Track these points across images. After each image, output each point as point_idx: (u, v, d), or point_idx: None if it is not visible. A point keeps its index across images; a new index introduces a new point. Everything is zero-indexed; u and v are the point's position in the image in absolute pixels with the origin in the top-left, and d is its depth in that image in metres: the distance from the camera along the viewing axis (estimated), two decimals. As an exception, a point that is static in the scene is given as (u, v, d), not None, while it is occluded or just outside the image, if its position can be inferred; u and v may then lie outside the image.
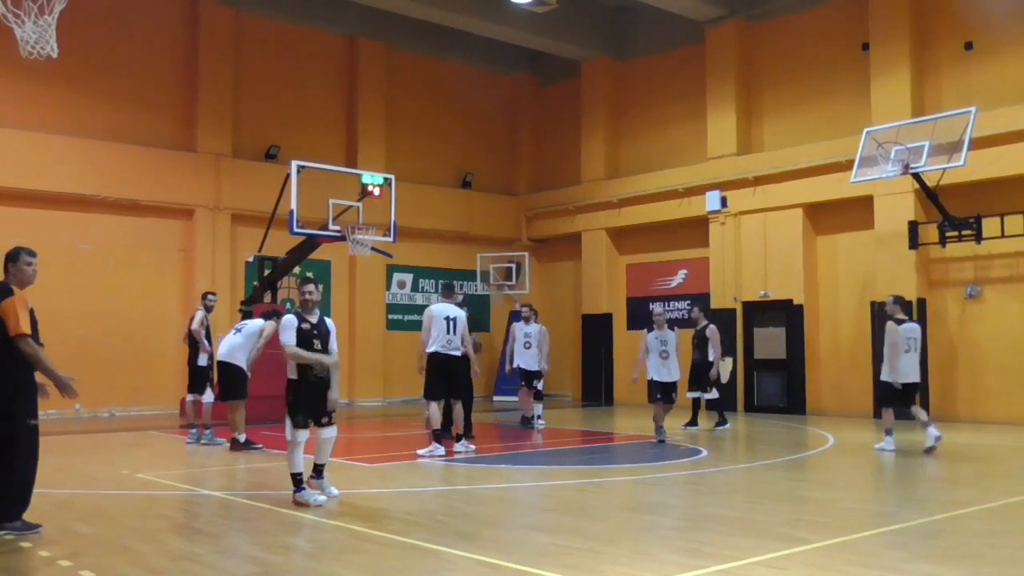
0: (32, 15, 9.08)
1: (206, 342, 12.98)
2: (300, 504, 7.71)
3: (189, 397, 13.08)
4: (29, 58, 9.33)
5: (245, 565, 5.91)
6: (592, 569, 5.63)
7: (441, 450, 11.19)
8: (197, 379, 13.01)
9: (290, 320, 7.97)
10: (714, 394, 14.93)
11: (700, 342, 14.99)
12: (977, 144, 15.22)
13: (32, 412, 6.63)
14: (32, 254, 6.85)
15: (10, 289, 6.59)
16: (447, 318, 11.39)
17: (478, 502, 8.31)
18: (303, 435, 7.90)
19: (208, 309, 13.27)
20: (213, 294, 13.75)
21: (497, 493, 8.80)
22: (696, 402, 15.20)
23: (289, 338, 7.86)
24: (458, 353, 11.50)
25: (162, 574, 5.58)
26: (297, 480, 7.83)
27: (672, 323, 14.75)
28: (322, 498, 7.84)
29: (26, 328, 6.45)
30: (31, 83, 17.20)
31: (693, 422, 15.11)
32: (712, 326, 15.11)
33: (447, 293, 11.93)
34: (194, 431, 12.88)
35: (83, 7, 13.92)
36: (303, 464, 7.89)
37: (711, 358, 14.79)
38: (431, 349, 11.41)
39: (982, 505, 7.90)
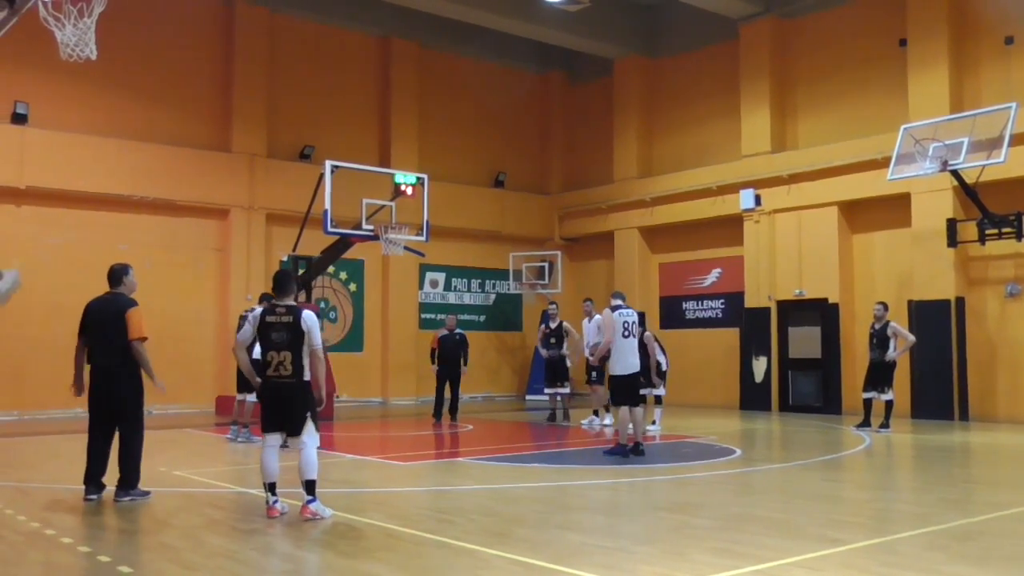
0: (72, 18, 9.22)
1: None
2: (272, 516, 7.16)
3: (238, 396, 13.22)
4: (69, 60, 9.48)
5: (281, 562, 5.97)
6: (625, 569, 5.62)
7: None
8: (244, 379, 13.14)
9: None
10: (890, 395, 14.45)
11: (880, 341, 14.54)
12: (1017, 140, 14.96)
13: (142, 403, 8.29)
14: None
15: (133, 299, 8.12)
16: None
17: (511, 501, 8.31)
18: (271, 439, 7.41)
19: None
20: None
21: (529, 492, 8.80)
22: (868, 403, 14.71)
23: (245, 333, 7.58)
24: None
25: (199, 571, 5.64)
26: (268, 488, 7.29)
27: (701, 323, 14.24)
28: (282, 509, 7.23)
29: (147, 332, 8.02)
30: (71, 85, 17.49)
31: (866, 422, 14.70)
32: (894, 323, 14.72)
33: None
34: (234, 428, 13.06)
35: (121, 9, 14.10)
36: (276, 473, 7.31)
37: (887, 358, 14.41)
38: None
39: (1023, 507, 7.77)
